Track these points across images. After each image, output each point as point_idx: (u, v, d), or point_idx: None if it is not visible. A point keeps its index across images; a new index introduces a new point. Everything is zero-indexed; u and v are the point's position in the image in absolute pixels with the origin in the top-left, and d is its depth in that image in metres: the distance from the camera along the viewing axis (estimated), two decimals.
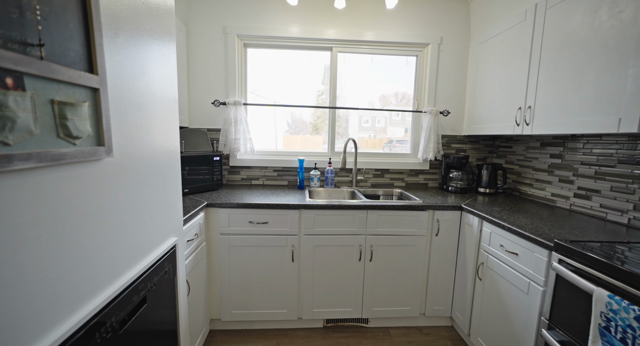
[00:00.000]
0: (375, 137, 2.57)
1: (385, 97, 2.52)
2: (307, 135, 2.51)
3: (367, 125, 2.59)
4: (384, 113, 2.52)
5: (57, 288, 0.60)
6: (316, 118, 2.53)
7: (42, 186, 0.57)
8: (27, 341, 0.54)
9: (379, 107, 2.49)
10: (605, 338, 0.89)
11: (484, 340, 1.61)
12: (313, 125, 2.52)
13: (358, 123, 2.57)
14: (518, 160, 2.20)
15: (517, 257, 1.38)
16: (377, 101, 2.51)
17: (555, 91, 1.50)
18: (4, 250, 0.50)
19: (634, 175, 1.42)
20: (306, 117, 2.51)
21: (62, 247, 0.62)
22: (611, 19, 1.24)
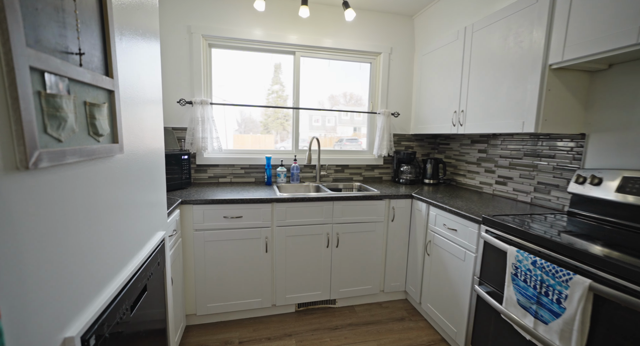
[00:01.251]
0: (325, 136, 2.73)
1: (334, 97, 2.70)
2: (258, 134, 2.55)
3: (318, 124, 2.72)
4: (334, 113, 2.72)
5: (91, 263, 0.68)
6: (267, 117, 2.58)
7: (79, 179, 0.65)
8: (90, 294, 0.62)
9: (329, 107, 2.68)
10: (514, 282, 1.22)
11: (432, 304, 1.93)
12: (263, 124, 2.57)
13: (308, 123, 2.67)
14: (454, 155, 2.61)
15: (456, 232, 1.71)
16: (327, 101, 2.69)
17: (481, 99, 1.87)
18: (72, 231, 0.58)
19: (534, 165, 1.86)
20: (256, 115, 2.55)
21: (95, 233, 0.69)
22: (515, 46, 1.61)
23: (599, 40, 1.23)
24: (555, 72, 1.48)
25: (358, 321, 2.04)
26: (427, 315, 2.06)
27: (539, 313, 1.13)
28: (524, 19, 1.56)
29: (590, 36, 1.26)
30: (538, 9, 1.48)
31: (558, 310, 1.05)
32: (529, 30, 1.53)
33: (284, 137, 2.66)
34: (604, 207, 1.41)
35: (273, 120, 2.59)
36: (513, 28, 1.63)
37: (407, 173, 2.60)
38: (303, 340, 1.83)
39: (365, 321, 2.03)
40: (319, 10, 2.42)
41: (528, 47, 1.54)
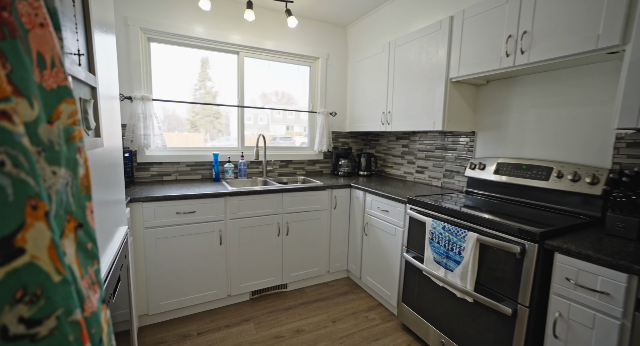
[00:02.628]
0: (256, 134, 2.71)
1: (266, 96, 2.75)
2: (185, 132, 2.42)
3: (250, 122, 2.69)
4: (266, 112, 2.77)
5: None
6: (194, 115, 2.45)
7: None
8: None
9: (260, 105, 2.72)
10: (431, 244, 1.60)
11: (371, 277, 2.27)
12: (191, 122, 2.44)
13: (240, 121, 2.62)
14: (383, 150, 3.03)
15: (387, 213, 2.06)
16: (259, 99, 2.72)
17: (403, 102, 2.27)
18: None
19: (443, 156, 2.35)
20: (181, 113, 2.38)
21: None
22: (427, 61, 2.03)
23: (479, 63, 1.69)
24: (454, 84, 1.93)
25: (309, 300, 2.27)
26: (366, 286, 2.40)
27: (447, 265, 1.51)
28: (432, 40, 1.98)
29: (475, 60, 1.72)
30: (441, 35, 1.91)
31: (459, 259, 1.44)
32: (436, 50, 1.96)
33: (214, 136, 2.58)
34: (487, 185, 1.91)
35: (201, 117, 2.48)
36: (425, 46, 2.04)
37: (345, 166, 2.92)
38: (261, 322, 1.98)
39: (315, 299, 2.27)
40: (263, 14, 2.54)
41: (436, 62, 1.97)
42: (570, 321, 1.10)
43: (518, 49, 1.51)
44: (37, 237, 0.29)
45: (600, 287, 1.02)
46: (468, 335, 1.47)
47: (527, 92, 1.78)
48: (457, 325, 1.52)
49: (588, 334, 1.06)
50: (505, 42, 1.57)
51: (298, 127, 3.03)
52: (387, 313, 2.12)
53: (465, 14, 1.76)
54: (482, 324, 1.40)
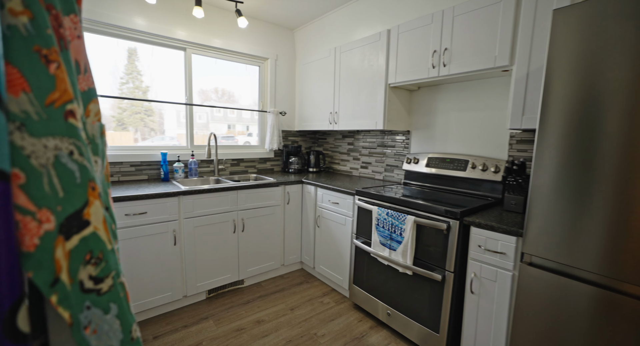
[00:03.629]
0: (197, 134, 2.61)
1: (205, 92, 2.66)
2: (110, 131, 2.21)
3: (187, 120, 2.56)
4: (205, 110, 2.67)
5: None
6: (121, 112, 2.26)
7: None
8: None
9: (199, 102, 2.61)
10: (377, 229, 1.83)
11: (324, 265, 2.45)
12: (117, 120, 2.26)
13: (176, 119, 2.52)
14: (331, 147, 3.24)
15: (338, 205, 2.26)
16: (197, 96, 2.60)
17: (349, 103, 2.49)
18: None
19: (384, 153, 2.64)
20: (103, 108, 2.16)
21: None
22: (369, 67, 2.28)
23: (412, 72, 1.98)
24: (392, 89, 2.21)
25: (266, 292, 2.35)
26: (320, 275, 2.58)
27: (391, 245, 1.76)
28: (373, 49, 2.23)
29: (408, 69, 2.00)
30: (381, 45, 2.16)
31: (400, 239, 1.69)
32: (377, 58, 2.21)
33: (145, 135, 2.42)
34: (421, 177, 2.23)
35: (130, 114, 2.29)
36: (367, 54, 2.29)
37: (295, 163, 3.06)
38: (220, 318, 2.00)
39: (272, 292, 2.37)
40: (212, 12, 2.52)
41: (377, 69, 2.22)
42: (482, 278, 1.42)
43: (441, 62, 1.82)
44: (96, 212, 0.36)
45: (500, 249, 1.34)
46: (409, 303, 1.73)
47: (448, 98, 2.14)
48: (400, 297, 1.78)
49: (493, 286, 1.38)
50: (431, 56, 1.87)
51: (240, 125, 3.02)
52: (340, 296, 2.32)
53: (400, 29, 2.04)
54: (419, 292, 1.67)
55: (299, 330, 1.91)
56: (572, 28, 1.06)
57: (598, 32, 1.00)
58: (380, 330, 1.93)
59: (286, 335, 1.86)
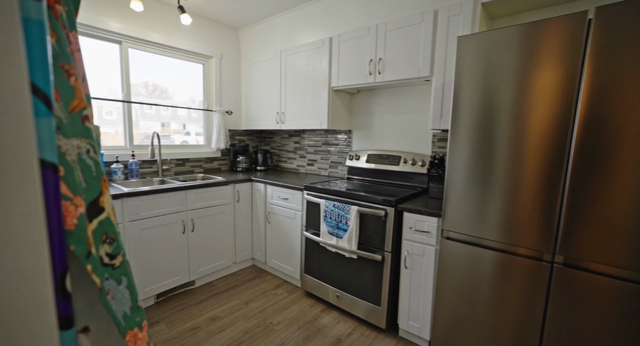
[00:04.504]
0: (118, 132, 2.43)
1: (134, 86, 2.47)
2: None
3: (111, 117, 2.39)
4: (135, 107, 2.49)
5: None
6: None
7: None
8: None
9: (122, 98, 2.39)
10: (325, 220, 2.01)
11: (275, 259, 2.55)
12: None
13: (98, 115, 2.32)
14: (277, 146, 3.34)
15: (287, 201, 2.38)
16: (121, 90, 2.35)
17: (295, 104, 2.63)
18: None
19: (328, 150, 2.84)
20: None
21: None
22: (313, 70, 2.44)
23: (352, 77, 2.20)
24: (335, 92, 2.41)
25: (219, 291, 2.36)
26: (272, 269, 2.67)
27: (338, 234, 1.95)
28: (317, 54, 2.40)
29: (349, 74, 2.22)
30: (324, 51, 2.34)
31: (346, 227, 1.90)
32: (320, 62, 2.38)
33: None
34: (362, 171, 2.49)
35: None
36: (311, 58, 2.45)
37: (243, 162, 3.08)
38: (172, 320, 1.97)
39: (225, 289, 2.39)
40: (152, 6, 2.40)
41: (320, 73, 2.39)
42: (413, 255, 1.69)
43: (377, 70, 2.07)
44: (108, 200, 0.43)
45: (426, 229, 1.62)
46: (355, 284, 1.95)
47: (384, 101, 2.43)
48: (347, 279, 1.99)
49: (421, 260, 1.66)
50: (368, 64, 2.11)
51: (176, 124, 2.87)
52: (292, 287, 2.46)
53: (341, 37, 2.24)
54: (363, 273, 1.90)
55: (255, 321, 1.99)
56: (472, 51, 1.36)
57: (490, 55, 1.31)
58: (330, 311, 2.12)
59: (243, 327, 1.93)
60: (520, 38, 1.22)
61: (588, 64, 1.08)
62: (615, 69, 1.03)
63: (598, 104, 1.07)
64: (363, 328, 1.94)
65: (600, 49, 1.06)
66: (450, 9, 1.74)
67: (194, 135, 3.01)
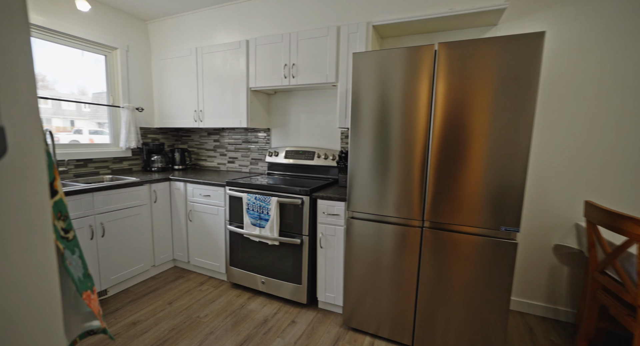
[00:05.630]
0: None
1: None
2: None
3: None
4: None
5: None
6: None
7: None
8: None
9: None
10: (248, 212, 2.16)
11: (199, 257, 2.56)
12: None
13: None
14: (196, 145, 3.29)
15: (209, 197, 2.43)
16: None
17: (214, 102, 2.66)
18: None
19: (248, 148, 2.96)
20: None
21: None
22: (232, 70, 2.53)
23: (269, 80, 2.38)
24: (253, 92, 2.55)
25: (137, 296, 2.26)
26: (196, 267, 2.66)
27: (261, 224, 2.12)
28: (235, 55, 2.49)
29: (266, 76, 2.39)
30: (241, 52, 2.45)
31: (267, 217, 2.08)
32: (238, 63, 2.49)
33: None
34: (281, 166, 2.70)
35: None
36: (229, 59, 2.53)
37: (159, 162, 2.95)
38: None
39: (144, 294, 2.30)
40: None
41: (239, 73, 2.50)
42: (326, 235, 1.99)
43: (291, 74, 2.30)
44: (59, 185, 0.52)
45: (336, 212, 1.93)
46: (279, 268, 2.15)
47: (299, 102, 2.68)
48: (271, 265, 2.18)
49: (333, 239, 1.97)
50: (283, 68, 2.32)
51: (60, 120, 2.48)
52: (218, 281, 2.51)
53: (257, 41, 2.39)
54: (286, 257, 2.12)
55: (181, 317, 2.01)
56: (365, 65, 1.69)
57: (381, 68, 1.66)
58: (257, 298, 2.27)
59: (168, 325, 1.93)
60: (397, 58, 1.60)
61: (437, 80, 1.51)
62: (457, 84, 1.48)
63: (452, 110, 1.51)
64: (287, 306, 2.17)
65: (441, 70, 1.50)
66: (349, 27, 2.08)
67: (88, 134, 2.68)
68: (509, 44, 1.35)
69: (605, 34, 1.80)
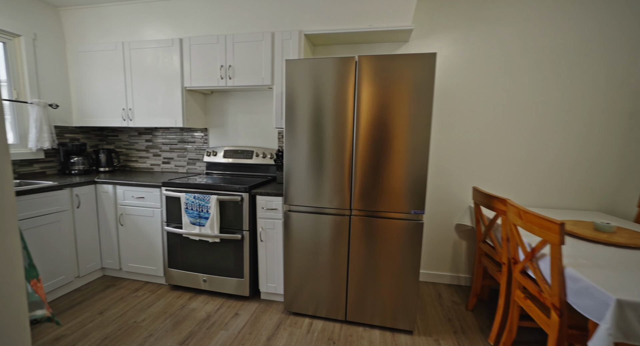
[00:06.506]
0: None
1: None
2: None
3: None
4: None
5: None
6: None
7: None
8: None
9: None
10: (187, 212, 2.16)
11: (133, 262, 2.45)
12: None
13: None
14: (124, 145, 3.08)
15: (144, 199, 2.34)
16: None
17: (145, 101, 2.55)
18: None
19: (185, 148, 2.91)
20: None
21: None
22: (164, 68, 2.47)
23: (205, 80, 2.39)
24: (188, 91, 2.52)
25: (59, 311, 2.08)
26: (130, 274, 2.53)
27: (200, 223, 2.14)
28: (167, 53, 2.44)
29: (202, 76, 2.40)
30: (175, 50, 2.41)
31: (207, 215, 2.12)
32: (171, 62, 2.44)
33: None
34: (220, 166, 2.72)
35: None
36: (161, 57, 2.46)
37: (80, 164, 2.71)
38: None
39: (68, 307, 2.12)
40: None
41: (172, 72, 2.45)
42: (266, 229, 2.11)
43: (227, 75, 2.36)
44: None
45: (274, 207, 2.07)
46: (221, 265, 2.20)
47: (237, 102, 2.73)
48: (213, 263, 2.22)
49: (272, 232, 2.10)
50: (219, 69, 2.36)
51: None
52: (155, 285, 2.44)
53: (191, 41, 2.38)
54: (227, 253, 2.18)
55: (115, 325, 1.93)
56: (297, 71, 1.86)
57: (311, 75, 1.84)
58: (199, 296, 2.28)
59: (100, 335, 1.84)
60: (325, 66, 1.80)
61: (358, 87, 1.76)
62: (374, 91, 1.74)
63: (372, 113, 1.77)
64: (230, 301, 2.23)
65: (360, 79, 1.75)
66: (283, 34, 2.22)
67: None
68: (411, 60, 1.65)
69: (488, 53, 2.28)
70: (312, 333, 1.89)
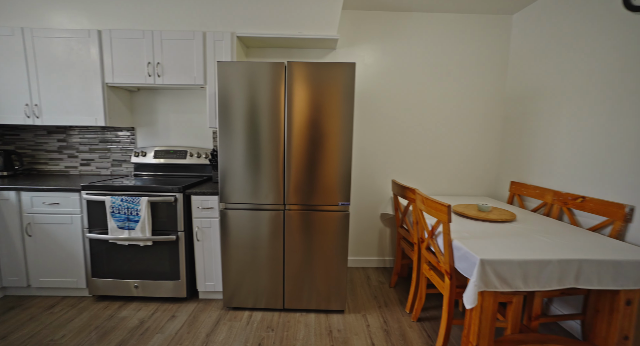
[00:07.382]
0: None
1: None
2: None
3: None
4: None
5: None
6: None
7: None
8: None
9: None
10: (113, 216, 2.04)
11: (46, 277, 2.19)
12: None
13: None
14: (29, 146, 2.71)
15: (59, 205, 2.13)
16: None
17: (56, 96, 2.30)
18: None
19: (108, 148, 2.69)
20: None
21: None
22: (80, 61, 2.26)
23: (130, 76, 2.27)
24: (110, 88, 2.36)
25: None
26: (41, 290, 2.26)
27: (130, 226, 2.05)
28: (83, 45, 2.24)
29: (126, 72, 2.27)
30: (92, 43, 2.23)
31: (137, 218, 2.03)
32: (88, 55, 2.25)
33: None
34: (150, 167, 2.60)
35: None
36: (75, 48, 2.25)
37: None
38: None
39: None
40: None
41: (90, 66, 2.26)
42: (202, 228, 2.12)
43: (156, 72, 2.28)
44: None
45: (210, 206, 2.09)
46: (154, 269, 2.13)
47: (168, 101, 2.64)
48: (146, 267, 2.13)
49: (209, 231, 2.12)
50: (147, 66, 2.27)
51: None
52: (76, 299, 2.23)
53: (113, 33, 2.24)
54: (161, 256, 2.12)
55: None
56: (229, 73, 1.91)
57: (243, 78, 1.91)
58: (130, 304, 2.17)
59: None
60: (256, 69, 1.90)
61: (287, 90, 1.90)
62: (302, 94, 1.90)
63: (300, 114, 1.92)
64: (166, 304, 2.17)
65: (290, 82, 1.89)
66: (215, 35, 2.24)
67: None
68: (334, 68, 1.86)
69: (401, 64, 2.64)
70: (251, 324, 1.98)
